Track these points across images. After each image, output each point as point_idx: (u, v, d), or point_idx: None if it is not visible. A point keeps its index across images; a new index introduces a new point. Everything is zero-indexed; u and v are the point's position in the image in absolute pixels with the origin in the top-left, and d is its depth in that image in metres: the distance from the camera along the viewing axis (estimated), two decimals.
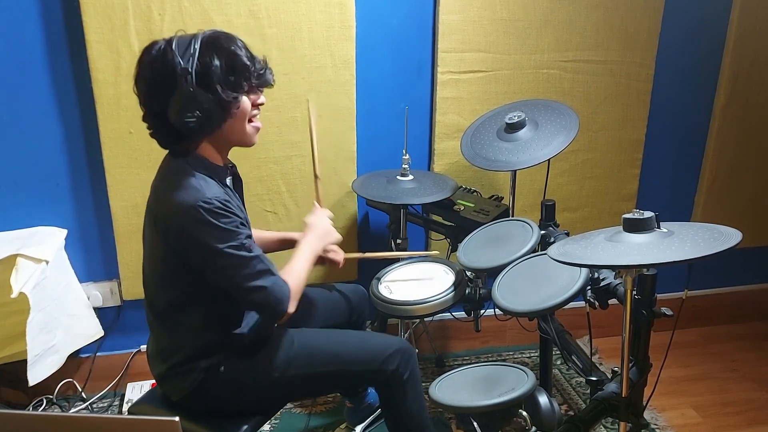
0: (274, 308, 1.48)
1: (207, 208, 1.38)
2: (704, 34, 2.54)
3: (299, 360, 1.60)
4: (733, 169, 2.71)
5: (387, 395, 1.69)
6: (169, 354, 1.55)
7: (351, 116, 2.31)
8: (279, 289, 1.47)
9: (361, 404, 2.10)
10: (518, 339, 2.69)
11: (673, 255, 1.15)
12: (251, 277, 1.43)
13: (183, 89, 1.36)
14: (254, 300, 1.46)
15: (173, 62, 1.36)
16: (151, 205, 1.49)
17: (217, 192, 1.42)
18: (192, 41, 1.39)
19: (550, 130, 2.01)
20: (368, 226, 2.50)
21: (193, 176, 1.43)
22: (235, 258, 1.41)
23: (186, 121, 1.38)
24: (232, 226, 1.41)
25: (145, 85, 1.41)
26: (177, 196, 1.40)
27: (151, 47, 1.41)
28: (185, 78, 1.36)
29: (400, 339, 1.70)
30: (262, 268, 1.45)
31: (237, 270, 1.42)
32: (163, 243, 1.45)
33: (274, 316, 1.50)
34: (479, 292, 1.89)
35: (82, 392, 2.38)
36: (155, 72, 1.38)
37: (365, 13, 2.24)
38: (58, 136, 2.16)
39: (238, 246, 1.41)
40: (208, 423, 1.55)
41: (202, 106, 1.37)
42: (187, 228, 1.39)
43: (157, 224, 1.46)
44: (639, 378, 1.46)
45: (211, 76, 1.38)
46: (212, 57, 1.38)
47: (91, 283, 2.33)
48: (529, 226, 1.81)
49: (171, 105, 1.37)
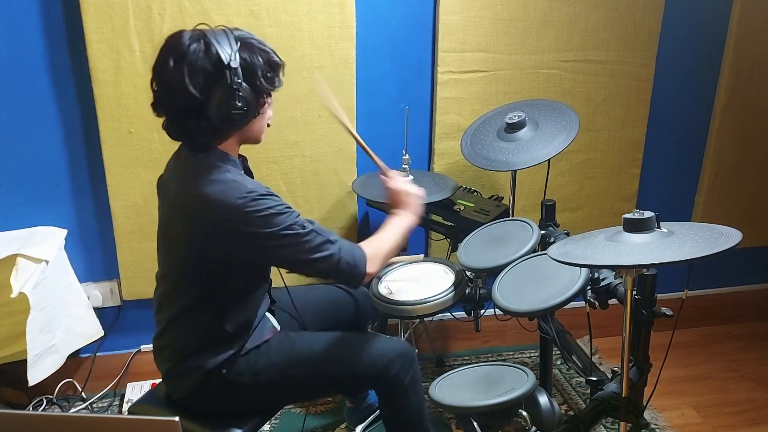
0: (349, 272, 1.49)
1: (253, 198, 1.38)
2: (704, 34, 2.54)
3: (299, 363, 1.60)
4: (733, 169, 2.71)
5: (387, 399, 1.68)
6: (175, 352, 1.55)
7: (351, 116, 2.31)
8: (347, 254, 1.48)
9: (361, 404, 2.10)
10: (518, 339, 2.69)
11: (673, 255, 1.15)
12: (312, 250, 1.44)
13: (231, 82, 1.36)
14: (323, 269, 1.46)
15: (219, 56, 1.36)
16: (182, 201, 1.44)
17: (254, 182, 1.43)
18: (228, 36, 1.39)
19: (550, 130, 2.01)
20: (368, 226, 2.50)
21: (228, 171, 1.42)
22: (292, 237, 1.41)
23: (233, 113, 1.38)
24: (282, 208, 1.41)
25: (183, 77, 1.36)
26: (218, 193, 1.38)
27: (184, 38, 1.38)
28: (234, 71, 1.36)
29: (402, 343, 1.69)
30: (321, 240, 1.45)
31: (297, 248, 1.42)
32: (196, 239, 1.43)
33: (351, 279, 1.51)
34: (479, 292, 1.89)
35: (82, 392, 2.38)
36: (198, 64, 1.36)
37: (365, 13, 2.24)
38: (58, 136, 2.16)
39: (292, 225, 1.41)
40: (208, 423, 1.55)
41: (247, 100, 1.39)
42: (238, 224, 1.38)
43: (193, 223, 1.42)
44: (639, 378, 1.46)
45: (255, 71, 1.40)
46: (252, 53, 1.40)
47: (91, 283, 2.33)
48: (529, 226, 1.81)
49: (214, 97, 1.37)
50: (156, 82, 1.41)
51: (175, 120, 1.43)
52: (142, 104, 2.12)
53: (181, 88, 1.36)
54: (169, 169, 1.54)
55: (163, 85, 1.40)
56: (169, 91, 1.39)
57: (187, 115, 1.40)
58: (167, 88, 1.39)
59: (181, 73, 1.35)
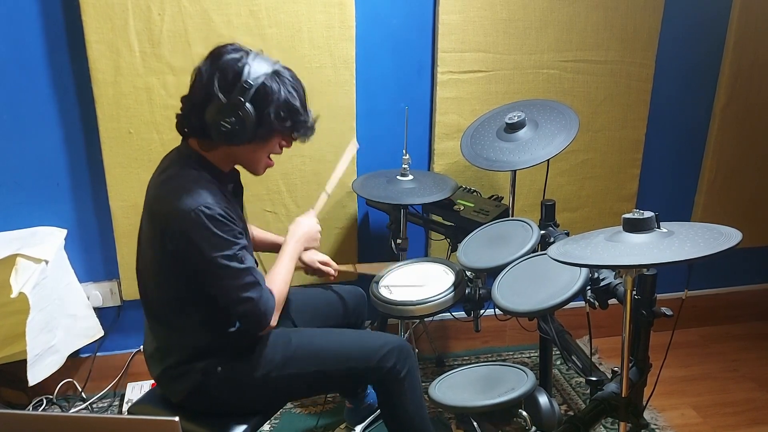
0: (259, 320, 1.50)
1: (208, 213, 1.39)
2: (704, 34, 2.54)
3: (296, 358, 1.60)
4: (733, 169, 2.71)
5: (385, 394, 1.69)
6: (165, 354, 1.56)
7: (351, 116, 2.31)
8: (265, 303, 1.49)
9: (360, 404, 2.10)
10: (518, 339, 2.69)
11: (673, 255, 1.15)
12: (240, 288, 1.45)
13: (234, 97, 1.39)
14: (241, 310, 1.48)
15: (241, 70, 1.39)
16: (151, 203, 1.49)
17: (219, 199, 1.44)
18: (266, 63, 1.44)
19: (550, 130, 2.01)
20: (368, 226, 2.50)
21: (199, 181, 1.44)
22: (227, 269, 1.43)
23: (220, 124, 1.40)
24: (230, 236, 1.42)
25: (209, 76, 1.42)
26: (180, 198, 1.40)
27: (229, 46, 1.44)
28: (245, 90, 1.39)
29: (398, 337, 1.70)
30: (251, 280, 1.47)
31: (227, 280, 1.44)
32: (159, 243, 1.46)
33: (257, 327, 1.52)
34: (479, 292, 1.89)
35: (82, 392, 2.38)
36: (221, 69, 1.40)
37: (365, 13, 2.24)
38: (58, 136, 2.16)
39: (231, 256, 1.43)
40: (208, 423, 1.55)
41: (243, 121, 1.40)
42: (187, 231, 1.39)
43: (156, 223, 1.46)
44: (639, 378, 1.46)
45: (269, 102, 1.42)
46: (279, 87, 1.43)
47: (91, 283, 2.33)
48: (529, 226, 1.81)
49: (215, 101, 1.40)
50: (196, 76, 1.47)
51: (188, 113, 1.47)
52: (142, 104, 2.13)
53: (199, 82, 1.43)
54: (156, 171, 1.56)
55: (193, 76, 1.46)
56: (194, 83, 1.45)
57: (193, 108, 1.44)
58: (194, 79, 1.45)
59: (207, 73, 1.42)
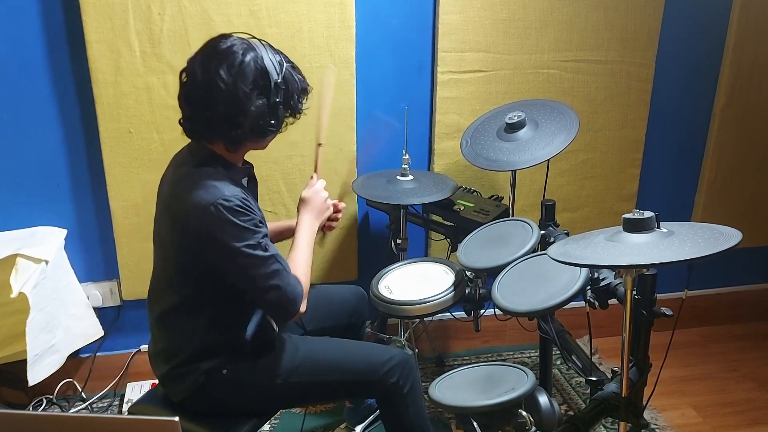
0: (288, 308, 1.48)
1: (227, 205, 1.38)
2: (704, 34, 2.54)
3: (303, 368, 1.60)
4: (733, 169, 2.71)
5: (387, 407, 1.69)
6: (171, 355, 1.55)
7: (351, 116, 2.31)
8: (292, 289, 1.47)
9: (360, 404, 2.11)
10: (518, 339, 2.69)
11: (673, 255, 1.15)
12: (267, 276, 1.43)
13: (273, 99, 1.42)
14: (269, 299, 1.46)
15: (268, 70, 1.41)
16: (169, 202, 1.47)
17: (236, 190, 1.43)
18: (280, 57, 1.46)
19: (550, 130, 2.01)
20: (368, 226, 2.50)
21: (215, 175, 1.44)
22: (251, 257, 1.41)
23: (268, 129, 1.45)
24: (251, 225, 1.41)
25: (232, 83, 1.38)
26: (197, 194, 1.39)
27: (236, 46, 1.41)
28: (279, 90, 1.42)
29: (402, 351, 1.71)
30: (278, 267, 1.45)
31: (253, 269, 1.42)
32: (178, 241, 1.45)
33: (287, 315, 1.50)
34: (479, 292, 1.89)
35: (82, 392, 2.38)
36: (242, 75, 1.38)
37: (365, 13, 2.24)
38: (58, 136, 2.16)
39: (255, 245, 1.41)
40: (208, 423, 1.55)
41: (280, 118, 1.47)
42: (206, 226, 1.39)
43: (175, 221, 1.45)
44: (639, 378, 1.46)
45: (292, 93, 1.47)
46: (293, 77, 1.47)
47: (91, 283, 2.33)
48: (529, 226, 1.81)
49: (255, 110, 1.40)
50: (192, 78, 1.42)
51: (202, 119, 1.43)
52: (142, 104, 2.13)
53: (224, 93, 1.38)
54: (169, 170, 1.55)
55: (205, 84, 1.40)
56: (210, 91, 1.39)
57: (222, 119, 1.41)
58: (210, 87, 1.39)
59: (231, 77, 1.38)
